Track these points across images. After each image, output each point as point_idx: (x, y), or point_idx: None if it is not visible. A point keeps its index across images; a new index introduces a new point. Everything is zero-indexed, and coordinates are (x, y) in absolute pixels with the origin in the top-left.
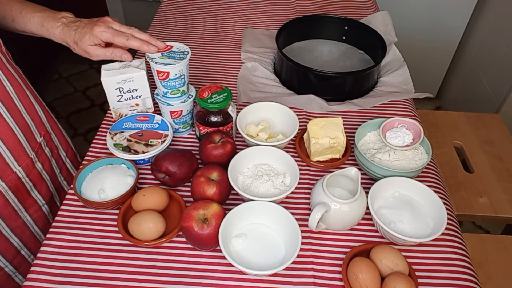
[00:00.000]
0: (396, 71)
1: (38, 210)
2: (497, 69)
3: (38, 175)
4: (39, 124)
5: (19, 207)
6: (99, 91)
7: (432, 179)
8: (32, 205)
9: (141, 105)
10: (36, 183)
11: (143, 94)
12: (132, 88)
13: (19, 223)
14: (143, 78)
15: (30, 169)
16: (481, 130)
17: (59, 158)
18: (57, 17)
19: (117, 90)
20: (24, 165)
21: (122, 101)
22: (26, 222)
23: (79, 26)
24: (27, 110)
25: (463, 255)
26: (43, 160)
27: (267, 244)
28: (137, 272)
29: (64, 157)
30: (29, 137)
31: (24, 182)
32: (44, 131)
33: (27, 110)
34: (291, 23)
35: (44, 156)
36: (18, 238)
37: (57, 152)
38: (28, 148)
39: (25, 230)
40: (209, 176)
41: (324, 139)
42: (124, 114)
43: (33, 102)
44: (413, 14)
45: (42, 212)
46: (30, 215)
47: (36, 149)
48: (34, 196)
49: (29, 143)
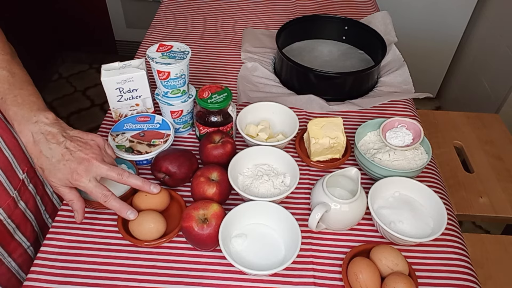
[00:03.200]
0: (396, 71)
1: (23, 254)
2: (497, 69)
3: (21, 215)
4: (21, 159)
5: (1, 252)
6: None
7: (432, 179)
8: (16, 248)
9: (141, 105)
10: (20, 224)
11: (143, 94)
12: (132, 88)
13: (3, 271)
14: (143, 78)
15: (12, 209)
16: (481, 130)
17: (45, 194)
18: (32, 119)
19: (117, 90)
20: (5, 205)
21: (122, 101)
22: (11, 268)
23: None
24: (8, 144)
25: (463, 255)
26: (26, 199)
27: (267, 244)
28: (137, 272)
29: (51, 192)
30: (10, 175)
31: (6, 224)
32: (27, 166)
33: (7, 145)
34: (291, 23)
35: (27, 194)
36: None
37: (42, 188)
38: (9, 187)
39: (11, 278)
40: (209, 176)
41: (324, 139)
42: (124, 114)
43: (15, 135)
44: (413, 14)
45: (28, 255)
46: (14, 260)
47: (19, 187)
48: (18, 238)
49: (10, 181)
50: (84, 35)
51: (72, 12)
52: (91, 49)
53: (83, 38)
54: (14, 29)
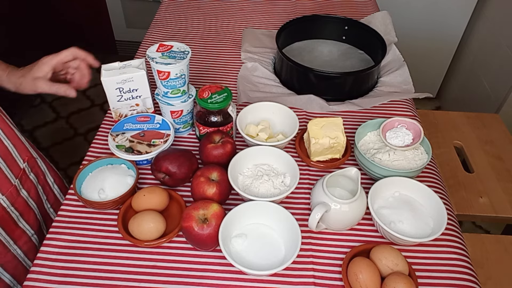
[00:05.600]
0: (396, 71)
1: (28, 242)
2: (497, 69)
3: (24, 203)
4: (21, 149)
5: (7, 239)
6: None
7: (432, 179)
8: (21, 236)
9: (141, 105)
10: (23, 213)
11: (143, 94)
12: (132, 88)
13: (9, 258)
14: (143, 78)
15: (15, 197)
16: (481, 130)
17: (46, 184)
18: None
19: (117, 90)
20: (8, 193)
21: (122, 101)
22: (17, 256)
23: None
24: (6, 134)
25: (463, 255)
26: (28, 187)
27: (267, 244)
28: (137, 272)
29: (52, 183)
30: (10, 164)
31: (10, 212)
32: (28, 156)
33: (6, 134)
34: (291, 23)
35: (29, 183)
36: (10, 275)
37: (43, 178)
38: (10, 175)
39: (17, 265)
40: (209, 176)
41: (324, 139)
42: (124, 114)
43: (11, 127)
44: (413, 14)
45: (32, 243)
46: (20, 247)
47: (20, 175)
48: (22, 226)
49: (11, 169)
50: (84, 35)
51: (72, 12)
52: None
53: (83, 38)
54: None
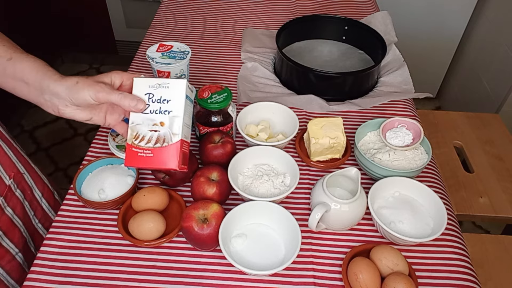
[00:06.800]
0: (396, 71)
1: (11, 261)
2: (497, 69)
3: (8, 221)
4: (7, 165)
5: None
6: None
7: (432, 179)
8: (4, 256)
9: (167, 126)
10: (7, 231)
11: (174, 110)
12: (164, 97)
13: None
14: (182, 87)
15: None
16: (481, 130)
17: (33, 199)
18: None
19: (146, 96)
20: None
21: (146, 112)
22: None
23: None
24: None
25: (463, 255)
26: (13, 205)
27: (267, 244)
28: (137, 272)
29: (40, 197)
30: None
31: None
32: (14, 171)
33: None
34: (291, 23)
35: (15, 200)
36: None
37: (30, 194)
38: None
39: None
40: (209, 176)
41: (324, 139)
42: (142, 135)
43: None
44: (413, 14)
45: (16, 261)
46: (2, 267)
47: (5, 193)
48: (6, 245)
49: None
50: (84, 35)
51: (72, 12)
52: (91, 49)
53: (83, 38)
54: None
